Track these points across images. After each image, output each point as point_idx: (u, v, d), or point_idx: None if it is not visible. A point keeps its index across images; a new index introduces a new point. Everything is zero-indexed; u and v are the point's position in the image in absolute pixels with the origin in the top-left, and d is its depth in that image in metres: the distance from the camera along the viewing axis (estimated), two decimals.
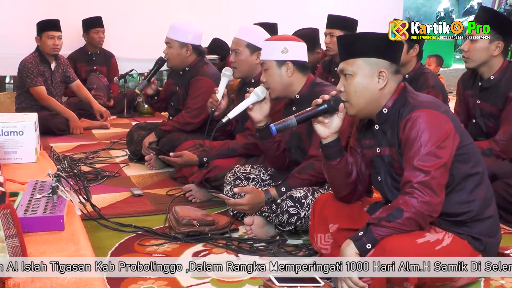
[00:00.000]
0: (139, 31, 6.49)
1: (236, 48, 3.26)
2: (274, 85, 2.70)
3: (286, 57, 2.68)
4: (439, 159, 1.92)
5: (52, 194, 2.13)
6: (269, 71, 2.71)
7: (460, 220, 2.04)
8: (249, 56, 3.25)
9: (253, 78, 3.30)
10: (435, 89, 3.36)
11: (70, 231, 1.96)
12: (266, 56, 2.72)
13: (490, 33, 2.96)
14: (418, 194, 1.89)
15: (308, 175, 2.62)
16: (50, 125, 4.93)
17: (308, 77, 2.73)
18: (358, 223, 2.14)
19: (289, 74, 2.69)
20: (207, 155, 3.23)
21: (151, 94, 3.90)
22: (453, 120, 2.01)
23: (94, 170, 3.85)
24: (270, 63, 2.70)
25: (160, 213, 3.01)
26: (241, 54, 3.24)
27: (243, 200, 2.62)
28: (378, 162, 2.15)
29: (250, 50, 3.24)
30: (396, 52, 2.10)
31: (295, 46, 2.71)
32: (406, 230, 1.91)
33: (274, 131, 2.14)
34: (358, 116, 2.14)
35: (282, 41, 2.70)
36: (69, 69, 5.38)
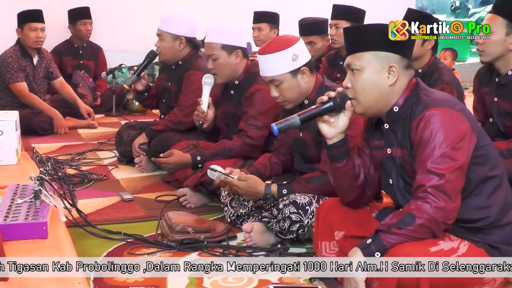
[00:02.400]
0: (129, 22, 6.51)
1: (211, 54, 3.25)
2: (292, 96, 2.67)
3: (298, 64, 2.64)
4: (454, 162, 1.92)
5: (35, 199, 2.13)
6: (284, 85, 2.64)
7: (476, 227, 2.05)
8: (228, 58, 3.24)
9: (236, 79, 3.31)
10: (450, 85, 3.37)
11: (54, 239, 1.96)
12: (275, 71, 2.63)
13: (507, 25, 2.96)
14: (431, 199, 1.90)
15: (316, 187, 2.62)
16: (32, 124, 4.93)
17: (317, 79, 2.72)
18: (366, 230, 2.14)
19: (305, 80, 2.66)
20: (201, 154, 3.24)
21: (141, 90, 3.91)
22: (470, 119, 2.01)
23: (80, 173, 3.85)
24: (283, 76, 2.62)
25: (152, 219, 3.01)
26: (218, 59, 3.24)
27: (241, 183, 2.67)
28: (389, 163, 2.15)
29: (227, 52, 3.24)
30: (408, 45, 2.10)
31: (301, 47, 2.68)
32: (418, 237, 1.91)
33: (275, 131, 2.14)
34: (366, 114, 2.15)
35: (288, 48, 2.63)
36: (53, 64, 5.38)
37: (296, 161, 2.91)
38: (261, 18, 5.31)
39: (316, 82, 2.71)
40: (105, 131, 5.19)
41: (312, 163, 2.80)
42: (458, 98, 3.25)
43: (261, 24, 5.27)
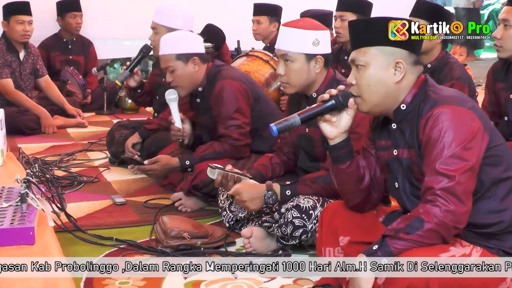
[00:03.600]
0: (121, 10, 6.46)
1: (167, 66, 3.26)
2: (297, 81, 2.67)
3: (317, 51, 2.64)
4: (465, 162, 1.92)
5: (21, 203, 2.13)
6: (294, 65, 2.65)
7: (489, 232, 2.04)
8: (185, 67, 3.25)
9: (199, 86, 3.32)
10: (461, 81, 3.35)
11: (41, 245, 1.96)
12: (292, 47, 2.64)
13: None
14: (441, 202, 1.89)
15: (322, 187, 2.62)
16: (19, 123, 4.94)
17: (328, 72, 2.72)
18: (372, 235, 2.15)
19: (317, 70, 2.66)
20: (190, 158, 3.24)
21: (134, 86, 3.89)
22: (481, 118, 2.01)
23: (69, 175, 3.86)
24: (297, 56, 2.64)
25: (146, 224, 3.02)
26: (176, 70, 3.25)
27: (240, 186, 2.67)
28: (395, 165, 2.15)
29: (183, 61, 3.25)
30: (416, 41, 2.10)
31: (326, 37, 2.68)
32: (427, 243, 1.91)
33: (274, 131, 2.12)
34: (371, 113, 2.15)
35: (313, 30, 2.64)
36: (40, 61, 5.37)
37: (301, 159, 2.90)
38: (260, 11, 5.31)
39: (328, 76, 2.71)
40: (96, 130, 5.20)
41: (318, 161, 2.80)
42: (470, 95, 3.25)
43: (260, 17, 5.27)
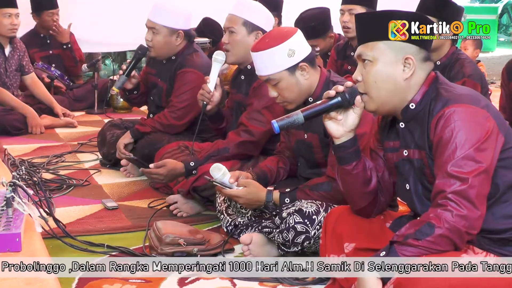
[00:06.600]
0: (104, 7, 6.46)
1: (230, 26, 3.24)
2: (292, 96, 2.67)
3: (296, 59, 2.63)
4: (478, 164, 1.92)
5: (7, 207, 2.12)
6: (281, 84, 2.64)
7: (504, 238, 2.04)
8: (246, 36, 3.23)
9: (249, 64, 3.27)
10: (473, 78, 3.36)
11: (28, 252, 1.96)
12: (270, 69, 2.64)
13: None
14: (453, 206, 1.89)
15: (321, 196, 2.62)
16: (4, 123, 4.94)
17: (321, 74, 2.72)
18: (379, 242, 2.14)
19: (306, 77, 2.66)
20: (194, 159, 3.23)
21: (130, 88, 3.85)
22: (496, 117, 2.01)
23: (58, 178, 3.85)
24: (279, 75, 2.63)
25: (139, 229, 3.02)
26: (236, 34, 3.23)
27: (240, 192, 2.67)
28: (406, 167, 2.14)
29: (247, 30, 3.23)
30: None
31: (298, 40, 2.67)
32: (438, 250, 1.90)
33: (276, 128, 2.13)
34: (378, 112, 2.15)
35: (282, 43, 2.63)
36: (26, 57, 5.36)
37: (301, 167, 2.90)
38: None
39: (321, 77, 2.70)
40: (86, 130, 5.20)
41: (319, 167, 2.80)
42: (482, 93, 3.25)
43: None
